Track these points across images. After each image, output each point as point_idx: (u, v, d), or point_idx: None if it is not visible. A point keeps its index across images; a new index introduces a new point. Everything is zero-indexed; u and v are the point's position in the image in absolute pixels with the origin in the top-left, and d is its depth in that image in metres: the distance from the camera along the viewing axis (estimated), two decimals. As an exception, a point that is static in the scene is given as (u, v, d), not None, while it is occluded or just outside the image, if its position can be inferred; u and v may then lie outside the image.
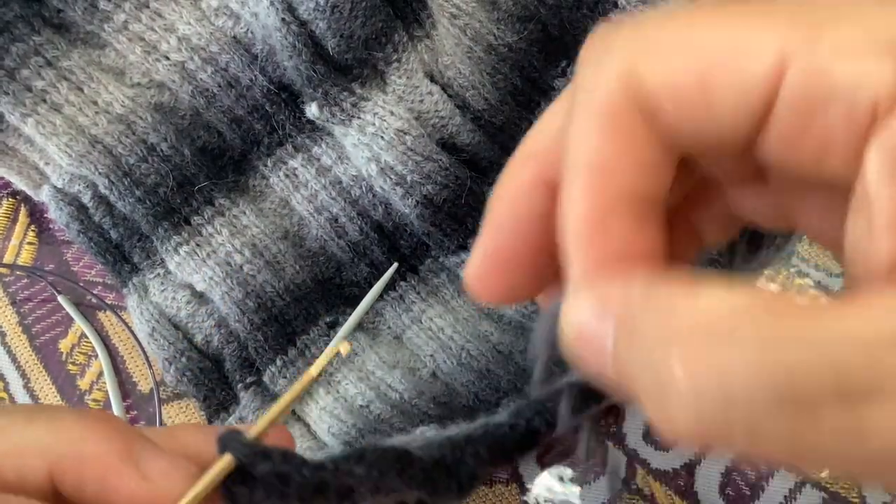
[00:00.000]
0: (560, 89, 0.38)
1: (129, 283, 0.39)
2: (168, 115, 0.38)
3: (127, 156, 0.37)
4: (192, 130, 0.38)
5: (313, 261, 0.38)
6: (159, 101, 0.38)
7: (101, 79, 0.37)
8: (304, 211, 0.38)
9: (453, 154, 0.36)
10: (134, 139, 0.37)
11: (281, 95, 0.37)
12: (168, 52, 0.37)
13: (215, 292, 0.37)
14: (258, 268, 0.37)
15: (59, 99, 0.37)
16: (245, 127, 0.38)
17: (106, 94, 0.37)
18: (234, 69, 0.37)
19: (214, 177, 0.38)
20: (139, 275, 0.39)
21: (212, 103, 0.38)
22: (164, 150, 0.37)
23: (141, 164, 0.37)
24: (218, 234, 0.38)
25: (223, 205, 0.38)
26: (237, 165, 0.38)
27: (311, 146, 0.38)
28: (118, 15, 0.37)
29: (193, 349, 0.38)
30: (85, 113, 0.37)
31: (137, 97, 0.37)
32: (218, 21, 0.37)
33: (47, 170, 0.38)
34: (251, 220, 0.38)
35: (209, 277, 0.37)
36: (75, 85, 0.37)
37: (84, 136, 0.37)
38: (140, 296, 0.38)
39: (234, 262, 0.37)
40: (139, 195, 0.37)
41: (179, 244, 0.38)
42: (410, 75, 0.35)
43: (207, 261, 0.37)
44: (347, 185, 0.38)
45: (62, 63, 0.37)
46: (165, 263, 0.38)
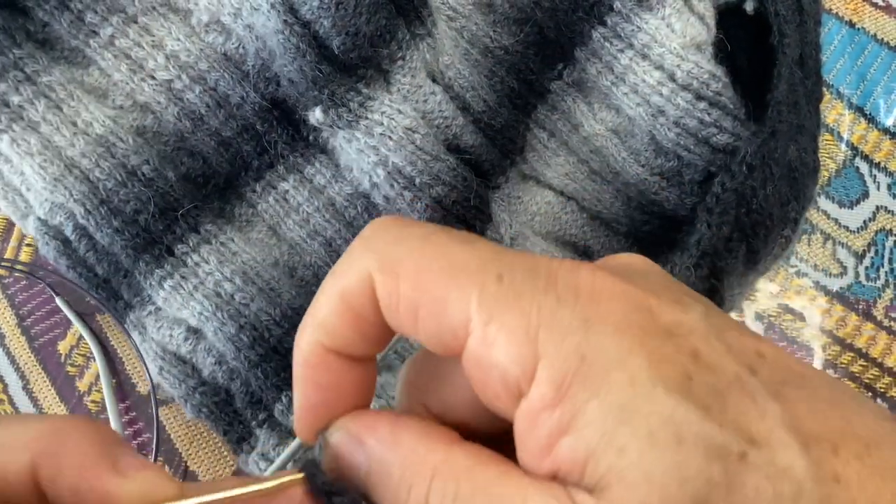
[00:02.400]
0: (556, 92, 0.38)
1: (127, 320, 0.37)
2: (151, 139, 0.36)
3: (104, 180, 0.35)
4: (175, 156, 0.36)
5: (306, 291, 0.36)
6: (142, 125, 0.36)
7: (81, 98, 0.36)
8: (296, 237, 0.37)
9: (458, 156, 0.36)
10: (113, 163, 0.35)
11: (273, 113, 0.36)
12: (154, 71, 0.36)
13: (208, 328, 0.35)
14: (251, 295, 0.35)
15: (35, 116, 0.35)
16: (233, 150, 0.37)
17: (86, 114, 0.35)
18: (224, 87, 0.36)
19: (199, 203, 0.36)
20: (134, 312, 0.37)
21: (198, 126, 0.36)
22: (146, 173, 0.35)
23: (119, 190, 0.35)
24: (205, 263, 0.36)
25: (209, 231, 0.36)
26: (222, 193, 0.37)
27: (303, 166, 0.37)
28: (105, 29, 0.36)
29: (205, 384, 0.36)
30: (62, 133, 0.35)
31: (119, 119, 0.36)
32: (208, 37, 0.36)
33: (29, 196, 0.36)
34: (240, 247, 0.36)
35: (199, 312, 0.35)
36: (54, 103, 0.36)
37: (59, 159, 0.35)
38: (140, 333, 0.36)
39: (225, 291, 0.35)
40: (116, 225, 0.35)
41: (163, 278, 0.36)
42: (414, 74, 0.34)
43: (195, 294, 0.35)
44: (341, 207, 0.37)
45: (42, 79, 0.36)
46: (153, 300, 0.36)
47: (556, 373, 0.20)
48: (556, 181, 0.38)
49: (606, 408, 0.19)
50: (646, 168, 0.37)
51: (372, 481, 0.22)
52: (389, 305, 0.22)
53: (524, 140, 0.38)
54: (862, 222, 0.47)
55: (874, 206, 0.47)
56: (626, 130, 0.37)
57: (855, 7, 0.48)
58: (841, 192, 0.47)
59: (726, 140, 0.35)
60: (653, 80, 0.35)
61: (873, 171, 0.47)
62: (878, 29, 0.48)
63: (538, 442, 0.20)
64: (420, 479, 0.21)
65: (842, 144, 0.48)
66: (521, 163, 0.38)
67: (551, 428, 0.20)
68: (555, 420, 0.20)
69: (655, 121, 0.35)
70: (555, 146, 0.38)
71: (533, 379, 0.20)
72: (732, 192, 0.33)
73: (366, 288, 0.22)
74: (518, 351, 0.20)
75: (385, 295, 0.22)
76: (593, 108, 0.37)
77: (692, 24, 0.35)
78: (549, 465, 0.20)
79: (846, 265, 0.47)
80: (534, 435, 0.20)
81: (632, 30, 0.35)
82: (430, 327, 0.21)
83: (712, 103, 0.34)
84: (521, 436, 0.20)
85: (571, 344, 0.20)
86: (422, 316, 0.21)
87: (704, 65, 0.35)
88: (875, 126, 0.48)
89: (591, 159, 0.38)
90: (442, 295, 0.21)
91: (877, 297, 0.47)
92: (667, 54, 0.35)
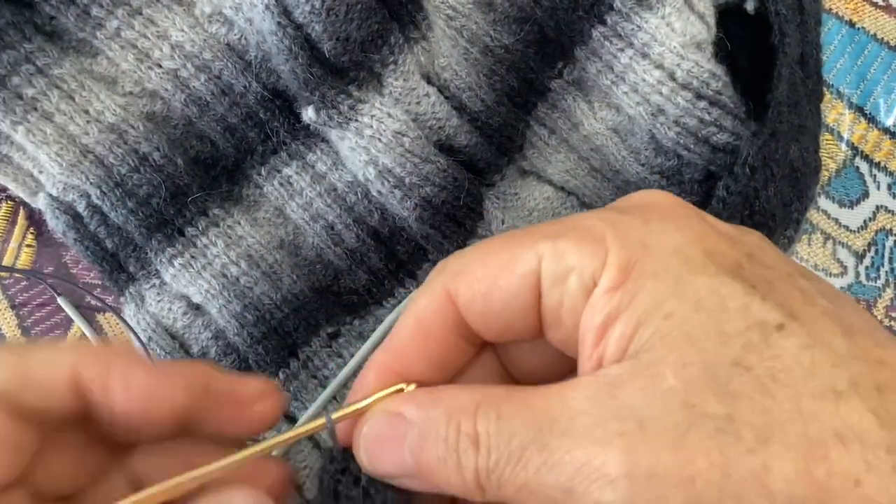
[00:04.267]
0: (556, 90, 0.38)
1: (127, 291, 0.38)
2: (160, 124, 0.37)
3: (118, 166, 0.36)
4: (184, 140, 0.37)
5: (310, 269, 0.37)
6: (151, 111, 0.37)
7: (92, 87, 0.37)
8: (300, 219, 0.38)
9: (451, 155, 0.36)
10: (125, 149, 0.36)
11: (275, 102, 0.37)
12: (161, 60, 0.37)
13: (212, 305, 0.37)
14: (255, 279, 0.37)
15: (49, 107, 0.36)
16: (238, 135, 0.38)
17: (97, 103, 0.37)
18: (228, 76, 0.37)
19: (208, 187, 0.37)
20: (135, 284, 0.38)
21: (205, 112, 0.37)
22: (157, 159, 0.36)
23: (133, 175, 0.36)
24: (213, 246, 0.37)
25: (217, 215, 0.38)
26: (230, 175, 0.38)
27: (305, 153, 0.38)
28: (111, 22, 0.37)
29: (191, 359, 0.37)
30: (76, 122, 0.36)
31: (129, 106, 0.37)
32: (211, 28, 0.37)
33: (41, 178, 0.38)
34: (246, 231, 0.37)
35: (205, 290, 0.37)
36: (66, 93, 0.37)
37: (75, 146, 0.36)
38: (137, 305, 0.38)
39: (231, 273, 0.37)
40: (131, 206, 0.36)
41: (174, 256, 0.37)
42: (407, 77, 0.35)
43: (203, 273, 0.37)
44: (343, 192, 0.37)
45: (53, 71, 0.37)
46: (160, 274, 0.38)
47: (621, 259, 0.22)
48: (557, 177, 0.38)
49: (660, 283, 0.21)
50: (646, 167, 0.37)
51: (419, 445, 0.23)
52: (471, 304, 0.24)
53: (523, 138, 0.38)
54: (862, 222, 0.47)
55: (874, 205, 0.47)
56: (626, 129, 0.37)
57: (855, 7, 0.48)
58: (841, 191, 0.47)
59: (726, 139, 0.35)
60: (653, 79, 0.35)
61: (873, 170, 0.47)
62: (878, 28, 0.48)
63: (594, 327, 0.22)
64: (466, 416, 0.22)
65: (842, 144, 0.48)
66: (520, 160, 0.38)
67: (609, 310, 0.21)
68: (615, 301, 0.21)
69: (655, 120, 0.35)
70: (555, 143, 0.38)
71: (604, 267, 0.22)
72: (738, 195, 0.33)
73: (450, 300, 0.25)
74: (590, 248, 0.22)
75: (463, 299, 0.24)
76: (593, 106, 0.37)
77: (692, 22, 0.35)
78: (599, 352, 0.22)
79: (846, 265, 0.47)
80: (593, 321, 0.22)
81: (632, 29, 0.35)
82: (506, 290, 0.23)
83: (712, 102, 0.34)
84: (583, 331, 0.22)
85: (635, 236, 0.22)
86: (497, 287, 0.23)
87: (704, 64, 0.35)
88: (875, 126, 0.48)
89: (591, 157, 0.38)
90: (512, 255, 0.23)
91: (877, 296, 0.47)
92: (667, 53, 0.35)
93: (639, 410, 0.20)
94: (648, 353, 0.20)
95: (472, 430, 0.22)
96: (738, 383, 0.20)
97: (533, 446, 0.21)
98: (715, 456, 0.19)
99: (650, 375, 0.20)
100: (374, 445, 0.24)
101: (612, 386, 0.20)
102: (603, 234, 0.22)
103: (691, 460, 0.19)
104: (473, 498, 0.22)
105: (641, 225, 0.23)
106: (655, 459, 0.19)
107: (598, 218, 0.23)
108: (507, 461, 0.21)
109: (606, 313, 0.21)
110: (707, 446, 0.19)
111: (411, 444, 0.23)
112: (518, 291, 0.23)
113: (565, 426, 0.20)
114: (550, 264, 0.23)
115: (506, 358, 0.27)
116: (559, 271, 0.23)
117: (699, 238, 0.22)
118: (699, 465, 0.19)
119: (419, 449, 0.23)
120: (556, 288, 0.23)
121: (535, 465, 0.20)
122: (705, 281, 0.21)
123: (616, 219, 0.23)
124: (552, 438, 0.20)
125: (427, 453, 0.22)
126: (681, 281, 0.21)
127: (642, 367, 0.20)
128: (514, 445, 0.21)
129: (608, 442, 0.20)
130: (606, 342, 0.21)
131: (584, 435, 0.20)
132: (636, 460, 0.19)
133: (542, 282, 0.23)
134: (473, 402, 0.22)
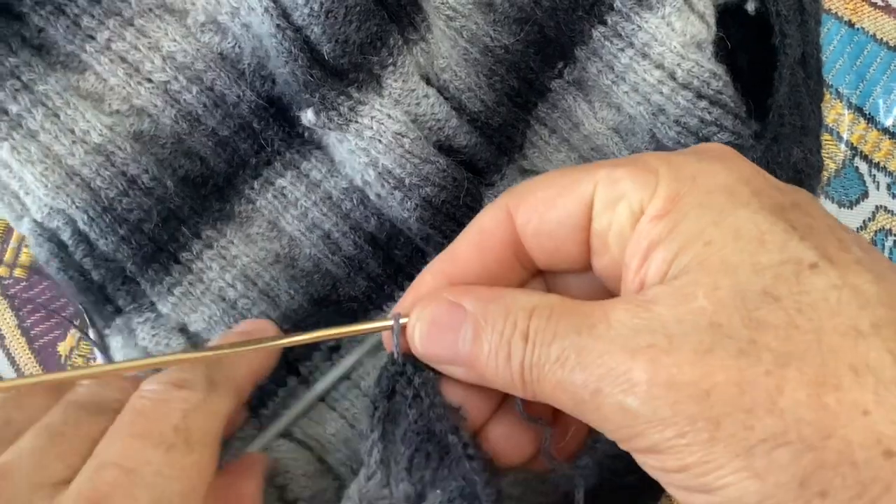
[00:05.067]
0: (557, 90, 0.38)
1: (112, 323, 0.37)
2: (148, 144, 0.36)
3: (106, 189, 0.35)
4: (173, 160, 0.36)
5: (308, 280, 0.37)
6: (139, 129, 0.36)
7: (78, 105, 0.36)
8: (295, 230, 0.37)
9: (450, 156, 0.36)
10: (113, 171, 0.35)
11: (269, 110, 0.37)
12: (151, 73, 0.36)
13: (214, 333, 0.36)
14: (253, 300, 0.36)
15: (34, 125, 0.35)
16: (230, 149, 0.37)
17: (83, 122, 0.35)
18: (221, 86, 0.36)
19: (199, 208, 0.37)
20: (123, 317, 0.37)
21: (195, 127, 0.36)
22: (146, 182, 0.35)
23: (122, 199, 0.35)
24: (209, 270, 0.36)
25: (211, 237, 0.37)
26: (221, 192, 0.37)
27: (300, 161, 0.37)
28: (101, 33, 0.36)
29: None
30: (61, 142, 0.35)
31: (116, 126, 0.36)
32: (204, 37, 0.36)
33: (27, 200, 0.36)
34: (240, 250, 0.37)
35: (208, 316, 0.36)
36: (52, 111, 0.36)
37: (60, 167, 0.35)
38: (125, 338, 0.37)
39: (228, 297, 0.36)
40: (122, 234, 0.35)
41: (173, 285, 0.36)
42: (406, 79, 0.35)
43: (203, 299, 0.36)
44: (338, 199, 0.37)
45: (39, 87, 0.36)
46: (156, 307, 0.36)
47: (670, 190, 0.23)
48: (557, 177, 0.38)
49: (704, 213, 0.22)
50: (647, 167, 0.37)
51: (474, 334, 0.24)
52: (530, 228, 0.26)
53: (524, 137, 0.38)
54: (862, 222, 0.47)
55: (874, 205, 0.47)
56: (626, 129, 0.37)
57: (854, 7, 0.48)
58: (840, 192, 0.47)
59: (727, 139, 0.35)
60: (653, 78, 0.35)
61: (873, 170, 0.47)
62: (878, 29, 0.48)
63: (639, 252, 0.23)
64: (523, 314, 0.24)
65: (841, 144, 0.48)
66: (520, 159, 0.38)
67: (653, 237, 0.23)
68: (659, 229, 0.23)
69: (656, 119, 0.35)
70: (556, 143, 0.38)
71: (653, 197, 0.23)
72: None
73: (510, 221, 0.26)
74: (643, 178, 0.23)
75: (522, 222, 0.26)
76: (594, 106, 0.37)
77: (692, 22, 0.35)
78: (641, 276, 0.23)
79: (846, 265, 0.47)
80: (638, 247, 0.23)
81: (632, 29, 0.35)
82: (561, 210, 0.25)
83: (713, 102, 0.34)
84: (628, 257, 0.23)
85: (686, 171, 0.23)
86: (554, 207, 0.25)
87: (705, 63, 0.35)
88: (874, 126, 0.48)
89: (591, 157, 0.38)
90: (572, 180, 0.25)
91: (877, 296, 0.47)
92: (667, 53, 0.35)
93: (669, 326, 0.21)
94: (686, 276, 0.22)
95: (525, 327, 0.23)
96: (766, 311, 0.20)
97: (571, 347, 0.22)
98: (733, 373, 0.20)
99: (683, 295, 0.21)
100: (431, 329, 0.26)
101: (648, 302, 0.22)
102: (657, 167, 0.24)
103: (710, 374, 0.20)
104: (515, 391, 0.24)
105: (695, 162, 0.24)
106: (677, 370, 0.20)
107: (657, 155, 0.25)
108: (547, 357, 0.23)
109: (650, 239, 0.23)
110: (727, 364, 0.20)
111: (466, 333, 0.24)
112: (571, 213, 0.25)
113: (601, 332, 0.22)
114: (604, 190, 0.24)
115: (553, 289, 0.28)
116: (611, 197, 0.24)
117: (748, 179, 0.23)
118: (716, 379, 0.20)
119: (474, 338, 0.24)
120: (606, 213, 0.24)
121: (570, 365, 0.22)
122: (747, 214, 0.22)
123: (672, 157, 0.24)
124: (589, 341, 0.22)
125: (480, 343, 0.24)
126: (723, 212, 0.22)
127: (678, 288, 0.22)
128: (555, 344, 0.23)
129: (636, 351, 0.21)
130: (648, 266, 0.23)
131: (616, 342, 0.22)
132: (658, 370, 0.21)
133: (594, 206, 0.24)
134: (531, 303, 0.24)
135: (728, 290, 0.21)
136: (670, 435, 0.20)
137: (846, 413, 0.19)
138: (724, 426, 0.20)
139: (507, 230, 0.26)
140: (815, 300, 0.20)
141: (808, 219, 0.22)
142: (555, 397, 0.23)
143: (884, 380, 0.19)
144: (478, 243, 0.27)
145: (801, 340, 0.20)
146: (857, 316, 0.20)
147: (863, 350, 0.20)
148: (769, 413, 0.19)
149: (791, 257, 0.21)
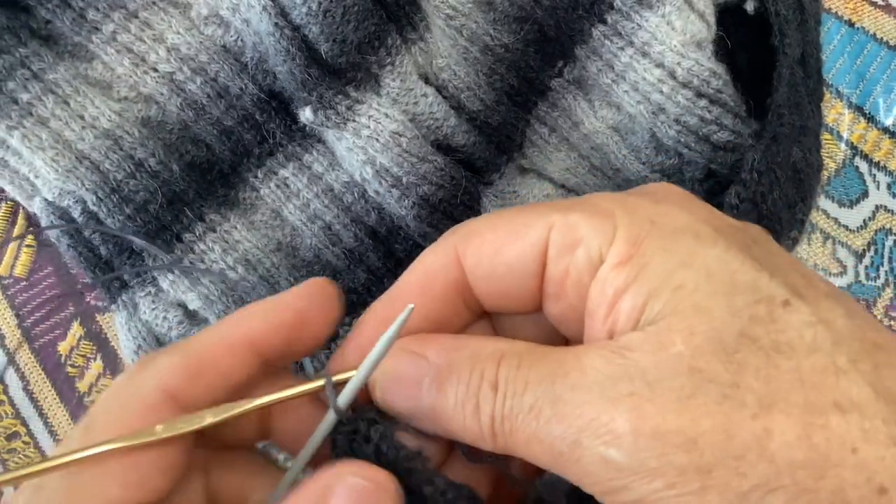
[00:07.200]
0: (556, 89, 0.38)
1: (119, 299, 0.38)
2: (156, 129, 0.37)
3: (114, 172, 0.36)
4: (180, 145, 0.37)
5: (308, 271, 0.37)
6: (146, 116, 0.37)
7: (87, 92, 0.37)
8: (297, 221, 0.37)
9: (448, 154, 0.36)
10: (121, 155, 0.36)
11: (271, 104, 0.37)
12: (157, 64, 0.37)
13: (210, 311, 0.37)
14: (252, 285, 0.37)
15: (45, 112, 0.36)
16: (234, 138, 0.37)
17: (92, 109, 0.36)
18: (224, 79, 0.37)
19: (204, 192, 0.37)
20: (129, 292, 0.38)
21: (200, 115, 0.37)
22: (153, 165, 0.36)
23: (129, 181, 0.36)
24: (210, 252, 0.37)
25: (214, 220, 0.37)
26: (226, 179, 0.38)
27: (301, 154, 0.38)
28: (107, 25, 0.37)
29: None
30: (71, 127, 0.36)
31: (124, 111, 0.37)
32: (207, 30, 0.37)
33: (37, 182, 0.37)
34: (243, 235, 0.37)
35: (205, 296, 0.36)
36: (61, 98, 0.36)
37: (70, 151, 0.36)
38: (129, 312, 0.38)
39: (229, 280, 0.37)
40: (129, 213, 0.36)
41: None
42: (404, 78, 0.35)
43: (202, 278, 0.37)
44: (340, 192, 0.37)
45: (48, 76, 0.36)
46: (157, 281, 0.37)
47: (630, 234, 0.22)
48: (557, 175, 0.38)
49: (671, 256, 0.22)
50: (646, 165, 0.37)
51: (439, 387, 0.23)
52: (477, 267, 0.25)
53: (523, 136, 0.38)
54: (862, 221, 0.47)
55: (874, 205, 0.47)
56: (626, 128, 0.37)
57: (854, 6, 0.48)
58: (840, 191, 0.48)
59: (727, 137, 0.35)
60: (653, 77, 0.35)
61: (873, 170, 0.48)
62: (878, 28, 0.48)
63: (605, 301, 0.22)
64: (490, 364, 0.23)
65: (841, 144, 0.48)
66: (519, 158, 0.38)
67: (618, 284, 0.22)
68: (623, 275, 0.22)
69: (656, 118, 0.35)
70: (556, 141, 0.38)
71: (612, 243, 0.22)
72: (748, 201, 0.33)
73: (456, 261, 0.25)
74: (599, 223, 0.23)
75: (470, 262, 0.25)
76: (594, 105, 0.38)
77: (692, 21, 0.35)
78: (609, 324, 0.22)
79: (846, 264, 0.47)
80: (603, 295, 0.22)
81: (632, 27, 0.35)
82: (513, 254, 0.24)
83: (713, 101, 0.34)
84: (592, 305, 0.23)
85: (644, 214, 0.23)
86: (505, 251, 0.24)
87: (705, 62, 0.35)
88: (874, 125, 0.48)
89: (591, 155, 0.38)
90: (524, 223, 0.24)
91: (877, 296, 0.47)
92: (667, 52, 0.35)
93: (648, 373, 0.20)
94: (660, 321, 0.21)
95: (493, 377, 0.22)
96: (745, 353, 0.20)
97: (545, 397, 0.21)
98: (719, 419, 0.20)
99: (659, 342, 0.21)
100: (393, 383, 0.24)
101: (623, 349, 0.21)
102: (612, 210, 0.23)
103: (696, 421, 0.20)
104: (484, 445, 0.23)
105: (650, 205, 0.23)
106: (661, 419, 0.20)
107: (609, 197, 0.24)
108: (520, 408, 0.22)
109: (615, 287, 0.22)
110: (712, 410, 0.20)
111: (430, 385, 0.23)
112: (524, 258, 0.24)
113: (576, 380, 0.21)
114: (559, 235, 0.23)
115: (500, 330, 0.27)
116: (566, 242, 0.23)
117: (707, 219, 0.23)
118: (703, 426, 0.20)
119: (439, 391, 0.23)
120: (562, 258, 0.23)
121: (546, 416, 0.21)
122: (716, 253, 0.22)
123: (625, 198, 0.24)
124: (564, 391, 0.21)
125: (446, 396, 0.23)
126: (692, 253, 0.22)
127: (653, 334, 0.21)
128: (528, 394, 0.22)
129: (617, 400, 0.20)
130: (617, 314, 0.22)
131: (594, 391, 0.21)
132: (642, 419, 0.20)
133: (549, 251, 0.24)
134: (498, 351, 0.23)
135: (705, 335, 0.20)
136: (659, 486, 0.20)
137: (836, 452, 0.19)
138: (716, 474, 0.19)
139: (454, 271, 0.25)
140: (791, 338, 0.20)
141: (770, 255, 0.22)
142: (529, 450, 0.22)
143: (868, 414, 0.19)
144: (422, 285, 0.26)
145: (783, 380, 0.20)
146: (833, 352, 0.20)
147: (844, 386, 0.20)
148: (760, 458, 0.19)
149: (764, 296, 0.21)
